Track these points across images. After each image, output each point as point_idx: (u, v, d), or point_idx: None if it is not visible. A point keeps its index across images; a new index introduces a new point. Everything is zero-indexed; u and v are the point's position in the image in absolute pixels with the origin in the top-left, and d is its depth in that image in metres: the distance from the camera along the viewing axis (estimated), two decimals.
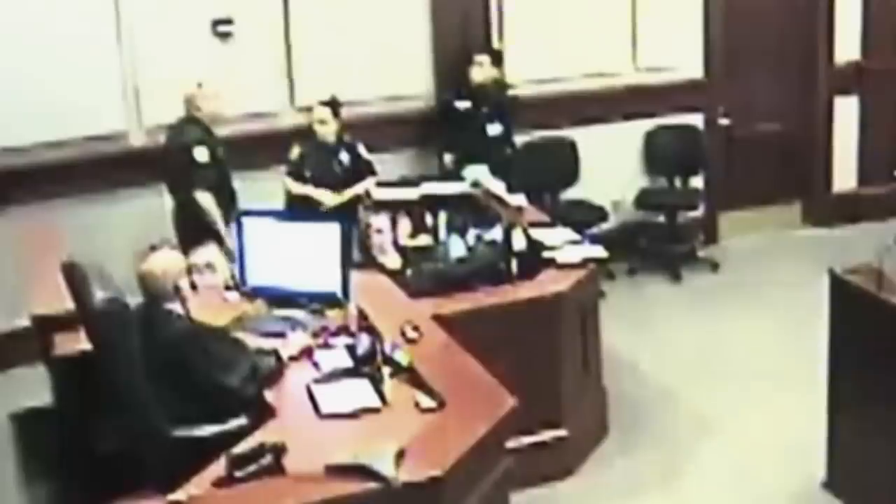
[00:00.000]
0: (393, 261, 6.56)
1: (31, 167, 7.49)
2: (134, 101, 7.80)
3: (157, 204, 7.64)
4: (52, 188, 7.49)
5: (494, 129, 8.29)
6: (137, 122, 7.83)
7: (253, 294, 5.87)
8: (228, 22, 7.92)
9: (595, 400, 6.55)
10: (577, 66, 8.76)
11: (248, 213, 5.99)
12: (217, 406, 4.76)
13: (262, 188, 7.58)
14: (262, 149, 7.90)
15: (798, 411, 6.42)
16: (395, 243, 6.79)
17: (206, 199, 7.17)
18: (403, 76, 8.37)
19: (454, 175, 7.98)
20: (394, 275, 6.29)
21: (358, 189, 7.54)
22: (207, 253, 6.29)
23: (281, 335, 5.34)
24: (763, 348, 7.54)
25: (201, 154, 7.22)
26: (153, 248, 4.95)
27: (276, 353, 5.08)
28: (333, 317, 5.56)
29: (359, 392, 4.77)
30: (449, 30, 8.47)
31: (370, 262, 6.54)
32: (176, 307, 4.90)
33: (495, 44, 8.60)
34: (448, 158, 8.24)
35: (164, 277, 4.87)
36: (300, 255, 5.72)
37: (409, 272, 6.21)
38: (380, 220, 6.68)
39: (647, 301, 8.53)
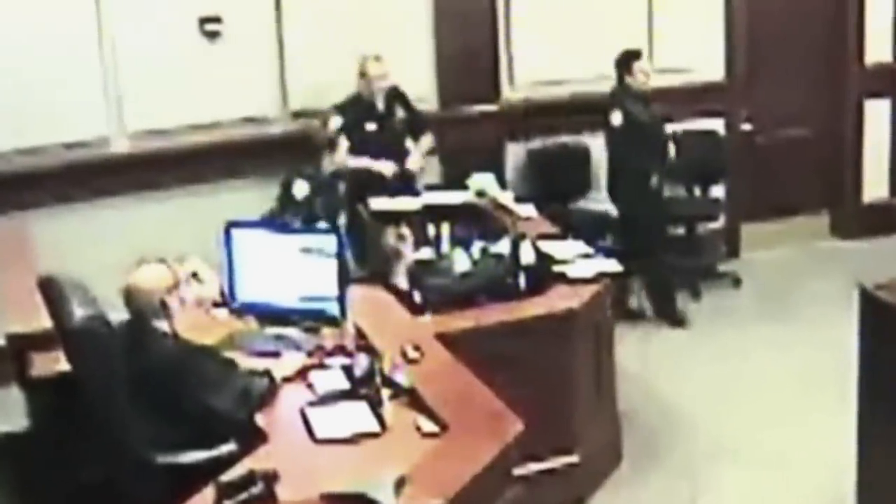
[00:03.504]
0: (403, 281, 6.54)
1: (6, 175, 7.48)
2: (116, 105, 7.81)
3: (141, 214, 7.68)
4: (29, 197, 7.49)
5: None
6: (119, 127, 7.85)
7: (243, 311, 5.88)
8: (217, 20, 7.94)
9: (609, 424, 6.56)
10: (589, 68, 8.77)
11: (237, 224, 6.00)
12: (205, 430, 4.77)
13: (252, 199, 7.57)
14: (251, 157, 7.93)
15: (826, 435, 6.41)
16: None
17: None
18: (404, 77, 8.36)
19: (657, 195, 8.09)
20: (402, 295, 6.26)
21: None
22: (191, 263, 6.29)
23: (275, 354, 5.35)
24: (788, 368, 7.54)
25: (336, 120, 7.48)
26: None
27: (268, 373, 5.09)
28: (329, 335, 5.56)
29: (356, 416, 4.78)
30: (452, 29, 8.49)
31: (382, 281, 6.49)
32: (163, 325, 4.92)
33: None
34: (654, 180, 8.22)
35: (150, 293, 4.89)
36: (293, 269, 5.74)
37: (415, 294, 6.18)
38: (405, 247, 6.64)
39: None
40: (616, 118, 8.16)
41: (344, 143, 7.37)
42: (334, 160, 7.34)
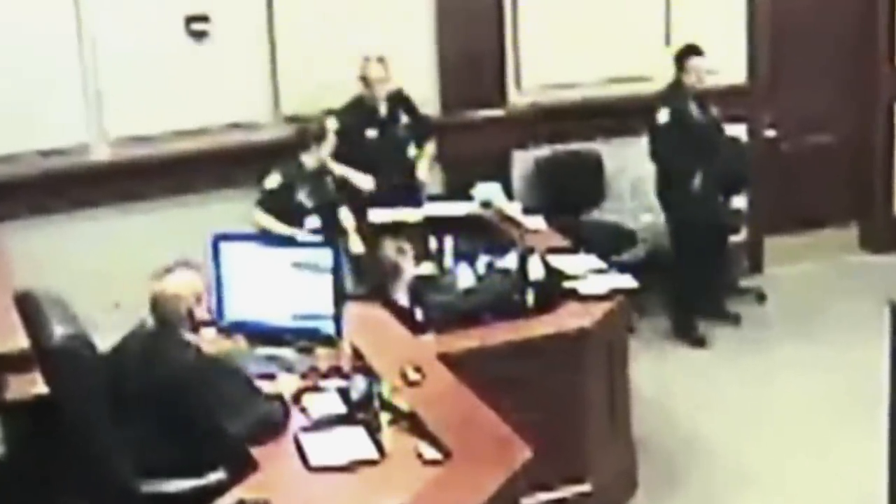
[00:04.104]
0: (403, 298, 6.56)
1: None
2: (96, 110, 7.81)
3: (124, 227, 7.69)
4: (3, 209, 7.47)
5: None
6: (100, 134, 7.85)
7: (232, 330, 5.89)
8: (204, 19, 7.95)
9: (623, 451, 6.57)
10: (601, 70, 8.80)
11: (226, 236, 6.01)
12: (201, 454, 4.78)
13: (242, 210, 7.55)
14: (242, 164, 7.93)
15: (855, 463, 6.42)
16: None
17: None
18: (404, 80, 8.37)
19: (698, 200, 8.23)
20: (402, 312, 6.28)
21: None
22: None
23: (267, 377, 5.35)
24: (815, 391, 7.56)
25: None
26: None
27: (282, 398, 5.06)
28: (324, 356, 5.58)
29: (353, 442, 4.80)
30: (455, 29, 8.49)
31: (381, 298, 6.50)
32: (187, 335, 4.92)
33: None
34: (697, 183, 8.31)
35: (177, 299, 4.90)
36: (286, 285, 5.75)
37: (416, 311, 6.19)
38: (405, 262, 6.67)
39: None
40: (662, 115, 8.22)
41: (332, 139, 7.38)
42: (319, 155, 7.34)
